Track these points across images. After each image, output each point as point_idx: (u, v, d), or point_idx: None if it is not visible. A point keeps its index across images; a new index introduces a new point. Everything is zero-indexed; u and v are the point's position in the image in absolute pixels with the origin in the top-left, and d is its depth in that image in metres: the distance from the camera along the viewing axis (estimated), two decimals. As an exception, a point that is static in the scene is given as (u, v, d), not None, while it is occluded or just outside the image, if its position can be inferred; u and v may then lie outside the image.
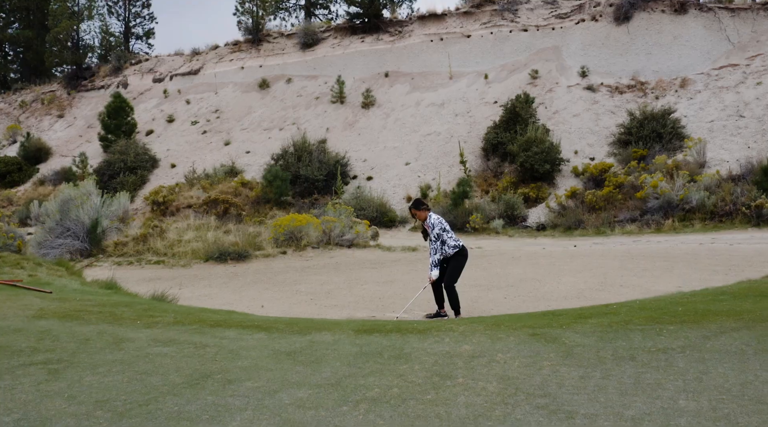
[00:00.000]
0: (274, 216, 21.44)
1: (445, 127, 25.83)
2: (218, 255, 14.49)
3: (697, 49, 26.78)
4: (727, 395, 2.82)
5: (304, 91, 31.08)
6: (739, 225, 16.29)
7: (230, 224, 17.61)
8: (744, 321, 4.13)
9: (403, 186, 23.36)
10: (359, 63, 31.09)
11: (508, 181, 21.41)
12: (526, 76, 27.29)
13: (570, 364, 3.39)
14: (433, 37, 30.79)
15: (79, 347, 4.59)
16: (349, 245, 16.03)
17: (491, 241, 17.83)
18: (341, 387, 3.32)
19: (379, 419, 2.82)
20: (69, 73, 39.91)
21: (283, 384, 3.34)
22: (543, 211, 20.03)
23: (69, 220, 16.44)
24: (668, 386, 2.97)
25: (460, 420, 2.73)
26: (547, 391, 2.95)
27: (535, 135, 21.41)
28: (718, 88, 24.92)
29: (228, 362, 3.88)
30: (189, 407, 2.94)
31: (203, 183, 24.85)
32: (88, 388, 3.27)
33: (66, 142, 34.10)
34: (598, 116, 24.66)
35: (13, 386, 3.37)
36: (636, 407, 2.71)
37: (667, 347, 3.62)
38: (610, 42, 27.81)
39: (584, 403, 2.76)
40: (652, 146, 21.40)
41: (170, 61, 37.23)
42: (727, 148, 21.66)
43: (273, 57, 33.54)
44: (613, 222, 17.94)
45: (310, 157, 24.02)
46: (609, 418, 2.57)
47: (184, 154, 29.09)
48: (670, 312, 4.54)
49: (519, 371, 3.38)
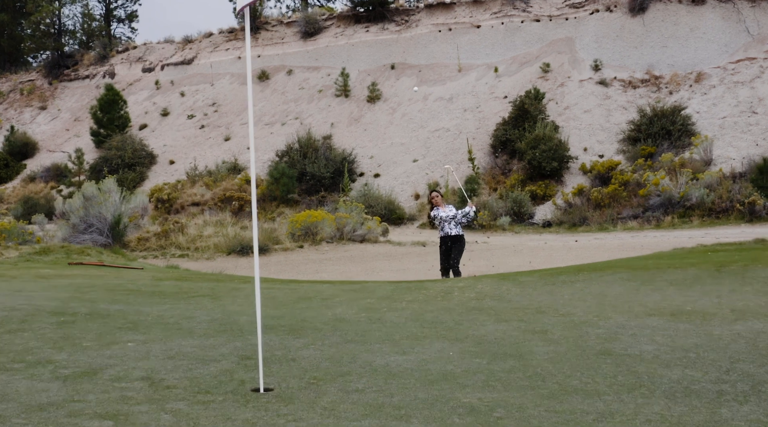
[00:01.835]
0: (282, 213, 25.24)
1: (453, 122, 29.61)
2: (240, 248, 18.25)
3: (715, 41, 30.56)
4: (608, 301, 6.51)
5: (306, 84, 34.84)
6: (733, 221, 20.08)
7: (245, 220, 21.39)
8: (631, 270, 7.93)
9: (411, 183, 27.13)
10: (364, 54, 34.84)
11: (516, 178, 25.19)
12: (538, 69, 31.07)
13: (511, 287, 7.13)
14: (441, 27, 34.58)
15: (213, 290, 8.39)
16: (361, 240, 19.81)
17: (497, 237, 21.62)
18: (390, 299, 7.11)
19: (414, 306, 6.59)
20: (50, 61, 43.54)
21: (359, 299, 7.12)
22: (550, 209, 23.81)
23: (92, 216, 20.21)
24: (564, 292, 6.69)
25: (457, 304, 6.50)
26: (503, 296, 6.69)
27: (543, 132, 25.18)
28: (733, 82, 28.70)
29: (321, 297, 7.66)
30: (307, 313, 6.66)
31: (206, 180, 28.63)
32: (249, 304, 7.05)
33: (52, 137, 37.85)
34: (610, 112, 28.45)
35: (200, 304, 7.11)
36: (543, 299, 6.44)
37: (587, 278, 7.35)
38: (625, 34, 31.59)
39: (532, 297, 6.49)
40: (661, 144, 25.17)
41: (160, 50, 40.99)
42: (736, 145, 25.45)
43: (272, 46, 37.31)
44: (616, 219, 21.73)
45: (316, 154, 27.80)
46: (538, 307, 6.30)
47: (182, 149, 32.85)
48: (605, 266, 8.29)
49: (487, 289, 7.14)
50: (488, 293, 7.05)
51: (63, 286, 8.89)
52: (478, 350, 4.86)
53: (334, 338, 5.32)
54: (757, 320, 5.46)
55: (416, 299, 6.98)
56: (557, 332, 5.31)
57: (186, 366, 4.60)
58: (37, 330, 5.92)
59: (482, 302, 6.67)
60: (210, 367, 4.59)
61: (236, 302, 7.49)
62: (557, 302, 6.51)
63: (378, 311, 6.45)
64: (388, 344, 5.11)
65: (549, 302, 6.50)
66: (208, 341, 5.43)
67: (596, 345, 4.87)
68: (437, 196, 10.76)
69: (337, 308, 6.67)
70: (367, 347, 5.01)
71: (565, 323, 5.63)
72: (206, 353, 5.00)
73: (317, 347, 5.02)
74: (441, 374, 4.24)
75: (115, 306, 7.16)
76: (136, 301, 7.56)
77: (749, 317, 5.55)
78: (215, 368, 4.55)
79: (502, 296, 6.87)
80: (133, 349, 5.18)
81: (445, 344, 5.07)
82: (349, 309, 6.63)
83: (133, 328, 5.97)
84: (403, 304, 6.76)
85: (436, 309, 6.40)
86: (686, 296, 6.47)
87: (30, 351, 5.08)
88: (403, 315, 6.20)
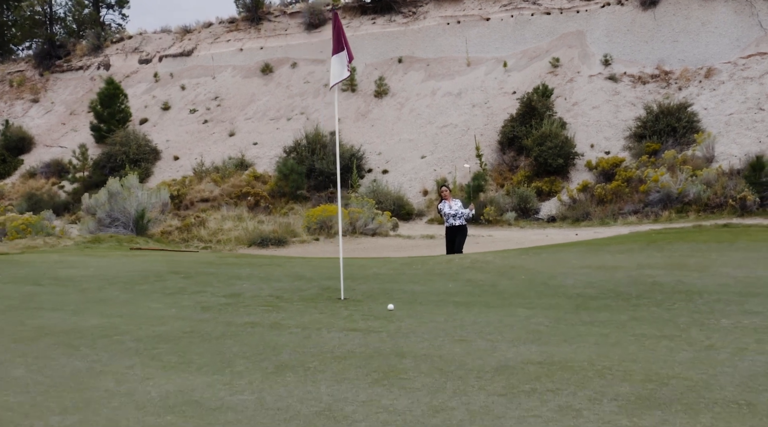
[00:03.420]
0: (292, 209, 29.50)
1: (461, 118, 33.87)
2: (260, 241, 22.51)
3: (726, 36, 34.79)
4: (560, 262, 10.73)
5: (311, 77, 39.12)
6: (726, 215, 24.28)
7: (261, 214, 25.69)
8: (588, 245, 12.22)
9: (419, 180, 31.39)
10: (370, 47, 39.10)
11: (522, 175, 29.43)
12: (547, 64, 35.32)
13: (495, 256, 11.35)
14: (449, 20, 38.86)
15: (271, 261, 12.67)
16: (372, 234, 24.07)
17: (502, 231, 25.88)
18: (408, 265, 11.39)
19: (426, 267, 10.86)
20: (40, 51, 47.81)
21: (386, 265, 11.41)
22: (555, 204, 28.04)
23: (116, 211, 24.49)
24: (533, 259, 10.94)
25: (456, 266, 10.78)
26: (489, 261, 10.93)
27: (550, 129, 29.41)
28: (742, 78, 32.94)
29: (357, 265, 11.92)
30: (353, 271, 10.91)
31: (214, 176, 32.90)
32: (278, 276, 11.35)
33: (48, 131, 42.17)
34: (618, 108, 32.69)
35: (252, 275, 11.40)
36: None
37: (553, 250, 11.58)
38: (636, 28, 35.83)
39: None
40: (666, 141, 29.38)
41: (157, 40, 45.30)
42: (740, 142, 29.70)
43: (275, 38, 41.60)
44: (617, 214, 25.95)
45: (324, 150, 32.05)
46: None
47: (185, 145, 37.14)
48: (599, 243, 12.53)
49: (478, 258, 11.39)
50: (478, 260, 11.33)
51: (155, 261, 13.16)
52: (467, 284, 9.14)
53: (376, 282, 9.59)
54: (651, 269, 9.69)
55: (427, 263, 11.25)
56: (519, 277, 9.57)
57: (292, 290, 8.90)
58: (174, 280, 10.19)
59: (473, 264, 10.94)
60: (306, 292, 8.88)
61: (294, 267, 11.75)
62: (526, 264, 10.77)
63: (401, 270, 10.74)
64: (411, 283, 9.39)
65: (520, 264, 10.77)
66: (293, 283, 9.71)
67: (540, 282, 9.12)
68: (446, 191, 15.02)
69: (372, 269, 10.94)
70: (399, 284, 9.29)
71: (526, 273, 9.90)
72: (299, 287, 9.29)
73: (368, 285, 9.29)
74: (443, 293, 8.52)
75: (209, 269, 11.43)
76: (223, 266, 11.84)
77: (646, 267, 9.80)
78: (309, 292, 8.84)
79: (487, 262, 11.13)
80: (248, 287, 9.45)
81: (447, 282, 9.34)
82: (380, 270, 10.89)
83: (240, 279, 10.25)
84: (418, 266, 11.03)
85: (441, 268, 10.68)
86: (614, 258, 10.73)
87: (184, 290, 9.38)
88: (419, 271, 10.48)
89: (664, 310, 7.16)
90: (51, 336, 6.50)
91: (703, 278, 8.86)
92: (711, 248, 11.32)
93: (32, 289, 9.58)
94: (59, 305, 8.24)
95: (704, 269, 9.55)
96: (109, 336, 6.43)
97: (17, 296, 8.88)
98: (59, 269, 11.71)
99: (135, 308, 7.97)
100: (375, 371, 5.07)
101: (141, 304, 8.23)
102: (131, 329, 6.76)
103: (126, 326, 6.87)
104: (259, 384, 4.82)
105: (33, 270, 11.66)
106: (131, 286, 9.63)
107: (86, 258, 13.92)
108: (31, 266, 12.24)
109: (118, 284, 9.87)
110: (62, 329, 6.80)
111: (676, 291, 8.10)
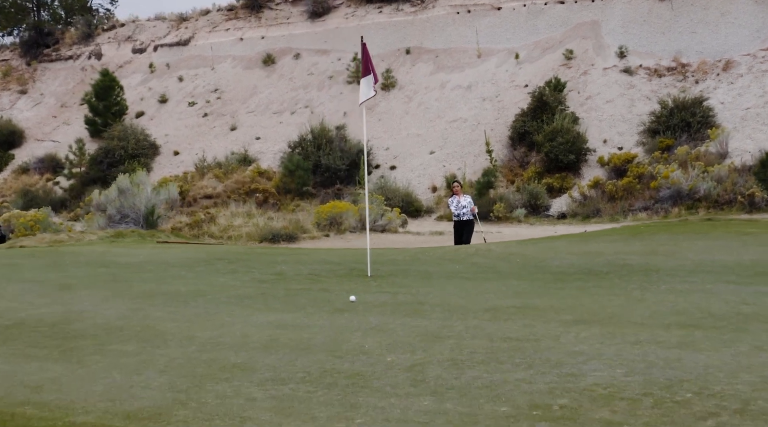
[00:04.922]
0: (299, 206, 32.88)
1: (471, 113, 37.22)
2: (272, 237, 25.87)
3: (746, 27, 38.10)
4: (553, 249, 14.04)
5: (315, 69, 42.51)
6: (734, 212, 27.61)
7: (270, 211, 29.08)
8: (582, 237, 15.59)
9: (428, 176, 34.76)
10: (377, 37, 42.45)
11: (533, 171, 32.77)
12: (560, 56, 38.66)
13: (497, 246, 14.68)
14: (459, 9, 42.21)
15: (293, 251, 16.06)
16: (381, 230, 27.43)
17: (512, 228, 29.23)
18: (421, 252, 14.78)
19: (437, 254, 14.23)
20: (27, 40, 51.21)
21: (402, 253, 14.79)
22: (566, 201, 31.38)
23: (126, 207, 27.88)
24: (532, 247, 14.28)
25: (463, 253, 14.16)
26: (491, 249, 14.27)
27: (561, 124, 32.74)
28: (761, 71, 36.25)
29: (376, 253, 15.29)
30: (376, 257, 14.29)
31: (216, 172, 36.28)
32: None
33: (38, 124, 45.61)
34: (633, 102, 36.02)
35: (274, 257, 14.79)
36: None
37: (549, 241, 14.90)
38: (652, 18, 39.16)
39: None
40: (680, 136, 32.70)
41: (151, 28, 48.72)
42: (755, 137, 33.02)
43: (277, 27, 44.98)
44: (628, 210, 29.29)
45: (330, 145, 35.41)
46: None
47: (185, 139, 40.53)
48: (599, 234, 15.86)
49: (482, 247, 14.74)
50: (482, 248, 14.69)
51: (192, 251, 16.51)
52: (472, 266, 12.49)
53: (395, 265, 12.94)
54: (626, 254, 13.02)
55: (437, 251, 14.61)
56: (515, 261, 12.91)
57: (326, 271, 12.27)
58: (222, 264, 13.54)
59: (477, 252, 14.29)
60: (338, 271, 12.24)
61: (320, 255, 15.09)
62: (525, 251, 14.12)
63: (416, 256, 14.11)
64: (425, 265, 12.76)
65: (519, 251, 14.12)
66: (325, 266, 13.05)
67: (532, 265, 12.45)
68: (457, 186, 18.36)
69: (390, 256, 14.29)
70: (415, 266, 12.66)
71: (523, 258, 13.23)
72: (331, 268, 12.65)
73: (388, 267, 12.65)
74: (453, 272, 11.89)
75: (245, 257, 14.78)
76: (256, 254, 15.20)
77: (622, 253, 13.12)
78: (341, 272, 12.19)
79: (490, 250, 14.49)
80: (288, 269, 12.79)
81: (455, 264, 12.70)
82: (397, 257, 14.24)
83: (277, 263, 13.60)
84: (430, 253, 14.40)
85: (451, 255, 14.04)
86: (599, 246, 14.07)
87: (236, 270, 12.74)
88: (431, 256, 13.85)
89: (622, 281, 10.50)
90: (160, 296, 9.86)
91: (666, 261, 12.20)
92: (687, 237, 14.68)
93: (106, 270, 12.94)
94: (143, 280, 11.59)
95: (671, 254, 12.90)
96: (203, 295, 9.80)
97: (104, 274, 12.24)
98: (112, 257, 15.07)
99: (207, 280, 11.34)
100: (404, 311, 8.44)
101: (209, 279, 11.59)
102: (216, 292, 10.13)
103: (211, 291, 10.23)
104: (328, 317, 8.18)
105: (90, 258, 15.02)
106: (189, 268, 12.99)
107: (125, 249, 17.29)
108: (84, 255, 15.60)
109: (176, 266, 13.24)
110: (164, 292, 10.16)
111: (640, 270, 11.44)
